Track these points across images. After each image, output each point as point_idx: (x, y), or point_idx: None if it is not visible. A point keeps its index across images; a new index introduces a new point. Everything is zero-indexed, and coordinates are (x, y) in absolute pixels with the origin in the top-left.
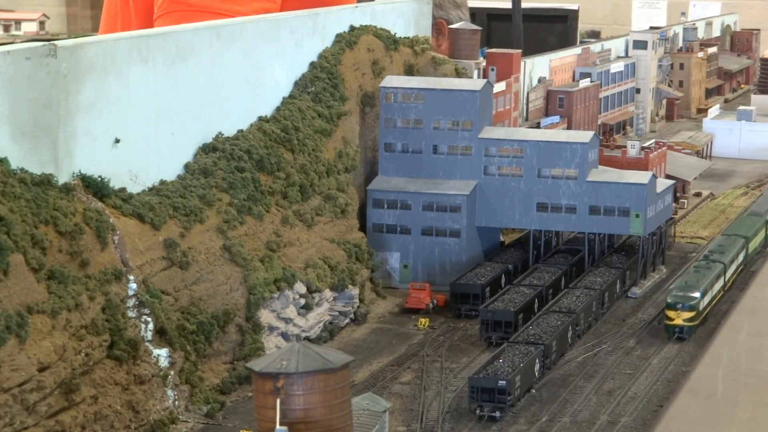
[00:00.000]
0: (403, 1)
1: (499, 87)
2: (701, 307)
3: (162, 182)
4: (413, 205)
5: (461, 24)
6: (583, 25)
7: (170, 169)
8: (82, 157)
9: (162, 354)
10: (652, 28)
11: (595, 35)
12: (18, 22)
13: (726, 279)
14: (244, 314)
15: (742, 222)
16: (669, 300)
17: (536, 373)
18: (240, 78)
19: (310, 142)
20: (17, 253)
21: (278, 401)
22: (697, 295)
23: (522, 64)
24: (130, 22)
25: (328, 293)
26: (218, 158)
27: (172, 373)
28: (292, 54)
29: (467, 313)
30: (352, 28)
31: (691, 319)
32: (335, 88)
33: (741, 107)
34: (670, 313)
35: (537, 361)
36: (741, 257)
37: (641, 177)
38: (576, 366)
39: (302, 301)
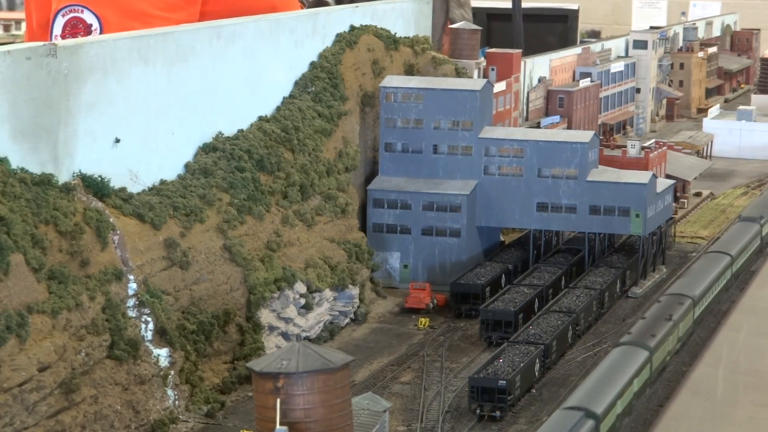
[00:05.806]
0: (404, 0)
1: (500, 87)
2: None
3: (162, 182)
4: (413, 205)
5: (461, 24)
6: (583, 25)
7: (170, 169)
8: (82, 156)
9: (162, 354)
10: (652, 27)
11: (595, 35)
12: (18, 21)
13: None
14: (245, 314)
15: None
16: None
17: (536, 373)
18: (240, 78)
19: (310, 141)
20: (17, 253)
21: (278, 401)
22: None
23: (522, 63)
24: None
25: (328, 293)
26: (218, 158)
27: (172, 372)
28: (292, 54)
29: (467, 312)
30: (353, 28)
31: None
32: (335, 88)
33: (741, 107)
34: None
35: (537, 360)
36: None
37: (641, 177)
38: (576, 366)
39: (302, 301)
